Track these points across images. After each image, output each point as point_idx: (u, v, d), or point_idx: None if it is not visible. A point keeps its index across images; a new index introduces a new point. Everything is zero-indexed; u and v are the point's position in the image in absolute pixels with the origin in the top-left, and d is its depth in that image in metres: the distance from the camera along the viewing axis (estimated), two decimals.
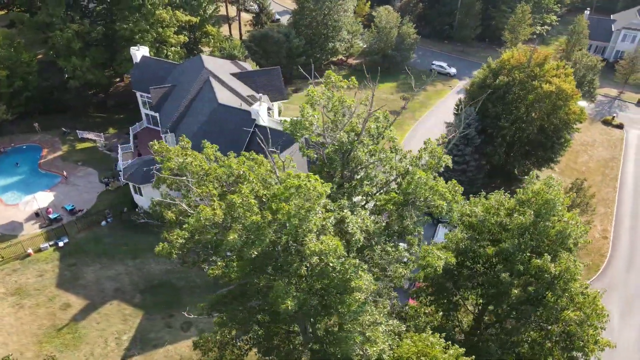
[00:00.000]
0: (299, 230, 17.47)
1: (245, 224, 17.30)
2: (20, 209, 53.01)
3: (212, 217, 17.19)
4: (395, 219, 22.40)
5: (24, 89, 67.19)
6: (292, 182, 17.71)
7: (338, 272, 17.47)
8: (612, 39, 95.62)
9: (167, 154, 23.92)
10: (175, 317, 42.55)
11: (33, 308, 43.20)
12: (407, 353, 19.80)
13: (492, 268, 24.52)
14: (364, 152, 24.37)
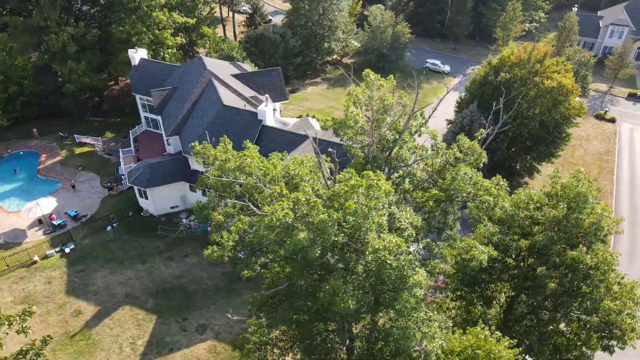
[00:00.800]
0: (362, 227, 17.60)
1: (313, 222, 17.34)
2: (22, 216, 52.20)
3: (284, 217, 17.18)
4: (438, 214, 22.67)
5: (19, 94, 66.20)
6: (361, 181, 17.79)
7: (394, 268, 17.64)
8: (600, 35, 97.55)
9: (210, 155, 23.78)
10: (189, 321, 42.31)
11: (44, 316, 42.57)
12: (459, 347, 20.05)
13: (524, 261, 24.98)
14: (406, 149, 24.59)
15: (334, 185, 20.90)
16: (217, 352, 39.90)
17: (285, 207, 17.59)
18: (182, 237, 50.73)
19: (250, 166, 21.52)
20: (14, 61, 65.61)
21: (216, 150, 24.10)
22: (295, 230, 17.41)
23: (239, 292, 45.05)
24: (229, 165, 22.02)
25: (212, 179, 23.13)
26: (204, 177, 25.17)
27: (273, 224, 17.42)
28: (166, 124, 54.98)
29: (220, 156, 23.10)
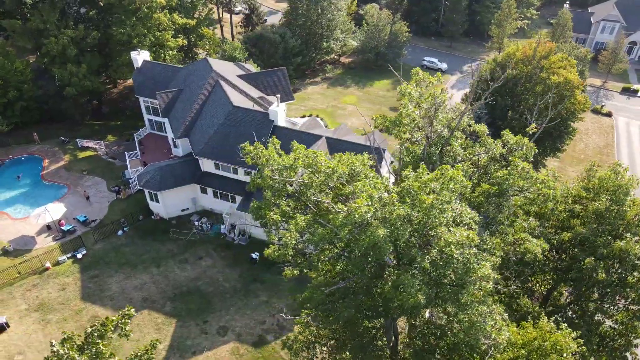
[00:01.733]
0: (435, 222, 17.75)
1: (390, 218, 17.39)
2: (31, 222, 51.39)
3: (365, 213, 17.20)
4: (492, 209, 22.90)
5: (18, 98, 65.10)
6: (438, 174, 17.85)
7: (460, 262, 17.83)
8: (592, 31, 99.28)
9: (262, 154, 23.67)
10: (209, 323, 42.10)
11: (60, 323, 41.99)
12: (522, 340, 20.28)
13: (566, 253, 25.39)
14: (458, 145, 24.79)
15: (397, 181, 21.00)
16: (240, 354, 39.78)
17: (365, 203, 17.61)
18: (195, 240, 50.53)
19: (321, 164, 21.43)
20: (13, 65, 64.48)
21: (268, 151, 24.00)
22: (372, 226, 17.45)
23: (255, 293, 44.95)
24: (298, 164, 21.95)
25: (281, 179, 22.84)
26: (256, 178, 25.03)
27: (350, 221, 17.43)
28: (174, 126, 54.53)
29: (274, 157, 22.98)
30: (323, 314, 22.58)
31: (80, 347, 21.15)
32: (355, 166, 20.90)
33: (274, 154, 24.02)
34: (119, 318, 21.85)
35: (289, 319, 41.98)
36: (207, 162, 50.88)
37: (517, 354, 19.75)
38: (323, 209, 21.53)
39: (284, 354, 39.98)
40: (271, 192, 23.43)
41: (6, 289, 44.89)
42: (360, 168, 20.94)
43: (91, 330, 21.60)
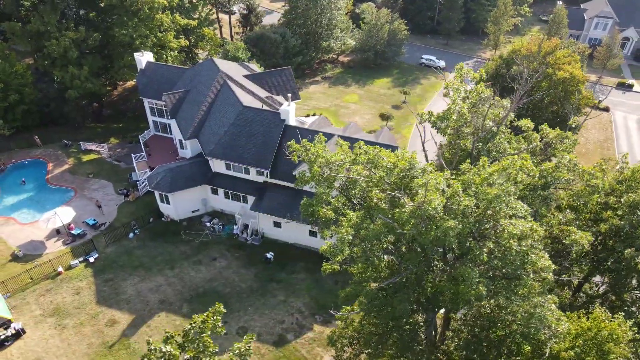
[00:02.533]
0: (499, 214, 17.94)
1: (458, 210, 17.55)
2: (40, 227, 50.80)
3: (438, 206, 17.32)
4: (538, 202, 23.16)
5: (19, 102, 64.23)
6: (506, 163, 17.97)
7: (518, 253, 18.06)
8: (585, 27, 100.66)
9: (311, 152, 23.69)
10: (228, 324, 41.93)
11: (77, 327, 41.57)
12: (576, 330, 20.60)
13: (602, 244, 25.82)
14: (504, 139, 25.04)
15: (451, 175, 21.18)
16: (262, 354, 39.74)
17: (437, 196, 17.74)
18: (207, 241, 50.35)
19: (383, 160, 21.51)
20: (13, 68, 63.63)
21: (316, 147, 24.05)
22: (439, 219, 17.57)
23: (272, 293, 44.93)
24: (360, 159, 21.99)
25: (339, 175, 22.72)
26: (303, 174, 25.02)
27: (417, 214, 17.53)
28: (183, 127, 54.21)
29: (322, 154, 23.00)
30: (375, 309, 22.61)
31: (180, 345, 21.04)
32: (414, 161, 21.06)
33: (322, 150, 24.07)
34: (211, 315, 21.75)
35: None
36: (218, 162, 50.69)
37: (572, 343, 20.08)
38: (372, 205, 21.65)
39: (305, 352, 40.12)
40: (323, 188, 23.40)
41: (19, 294, 44.32)
42: (417, 163, 21.08)
43: (191, 327, 21.58)
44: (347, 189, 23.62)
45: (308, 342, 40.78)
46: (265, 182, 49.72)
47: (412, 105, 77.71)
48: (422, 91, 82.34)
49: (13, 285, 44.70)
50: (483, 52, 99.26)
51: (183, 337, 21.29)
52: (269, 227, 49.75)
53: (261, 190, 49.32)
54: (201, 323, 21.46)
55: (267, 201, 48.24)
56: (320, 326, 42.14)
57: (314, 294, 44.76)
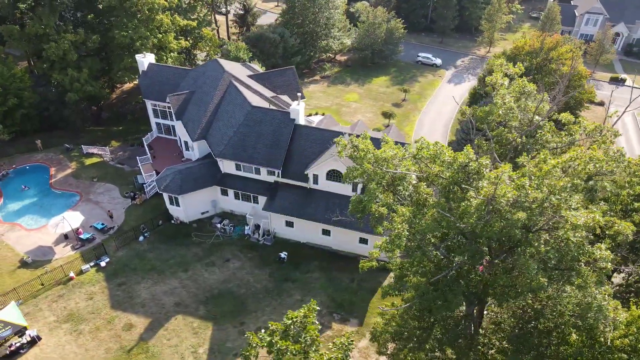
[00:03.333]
0: (562, 205, 18.16)
1: (526, 202, 17.70)
2: (48, 232, 50.12)
3: (510, 198, 17.44)
4: (586, 193, 23.45)
5: (18, 106, 63.24)
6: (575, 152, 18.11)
7: (574, 244, 18.31)
8: (577, 24, 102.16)
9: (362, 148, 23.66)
10: (247, 325, 41.82)
11: (93, 332, 41.08)
12: (629, 318, 20.96)
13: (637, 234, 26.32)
14: (549, 132, 25.30)
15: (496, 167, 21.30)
16: None
17: (510, 189, 17.88)
18: (219, 242, 50.12)
19: (442, 154, 21.55)
20: (12, 71, 62.60)
21: (364, 143, 24.07)
22: (505, 211, 17.70)
23: (289, 292, 44.89)
24: (423, 153, 22.03)
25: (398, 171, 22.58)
26: (352, 170, 24.94)
27: (486, 207, 17.62)
28: (190, 128, 53.88)
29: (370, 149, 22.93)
30: (427, 303, 22.60)
31: (293, 337, 20.68)
32: (471, 156, 21.19)
33: (372, 146, 24.12)
34: (306, 311, 21.38)
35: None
36: (228, 163, 50.48)
37: (625, 331, 20.45)
38: (421, 200, 21.76)
39: (325, 350, 40.05)
40: (375, 184, 23.39)
41: (31, 301, 43.66)
42: (471, 157, 21.19)
43: (291, 322, 21.27)
44: (394, 184, 23.71)
45: (328, 341, 40.74)
46: (276, 182, 49.63)
47: (411, 103, 78.26)
48: (420, 89, 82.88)
49: (24, 291, 44.01)
50: (477, 50, 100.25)
51: (283, 332, 20.82)
52: (281, 226, 49.67)
53: (272, 190, 49.23)
54: (302, 318, 21.02)
55: (280, 201, 48.17)
56: (338, 324, 42.22)
57: (330, 293, 44.83)
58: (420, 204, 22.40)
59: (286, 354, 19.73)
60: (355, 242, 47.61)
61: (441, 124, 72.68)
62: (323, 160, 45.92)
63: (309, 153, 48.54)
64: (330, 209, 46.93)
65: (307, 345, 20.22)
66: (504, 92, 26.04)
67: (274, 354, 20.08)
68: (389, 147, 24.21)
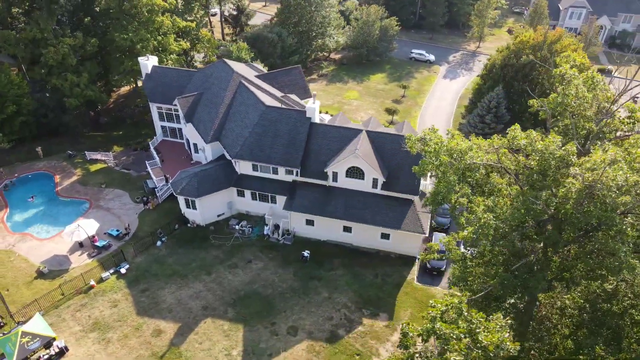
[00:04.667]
0: None
1: (629, 186, 18.11)
2: (61, 241, 49.11)
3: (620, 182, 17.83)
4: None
5: (16, 113, 61.54)
6: None
7: None
8: (561, 17, 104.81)
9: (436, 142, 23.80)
10: (277, 325, 41.71)
11: (122, 340, 40.35)
12: None
13: None
14: (618, 120, 25.85)
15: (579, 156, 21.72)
16: (317, 352, 39.74)
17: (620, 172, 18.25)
18: (239, 244, 49.79)
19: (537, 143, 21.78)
20: (9, 78, 60.85)
21: (438, 137, 24.28)
22: (605, 196, 18.13)
23: (315, 290, 44.93)
24: (520, 140, 22.17)
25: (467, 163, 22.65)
26: (426, 162, 25.06)
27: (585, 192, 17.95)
28: (202, 130, 53.35)
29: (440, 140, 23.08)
30: (510, 291, 22.77)
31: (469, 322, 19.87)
32: (559, 143, 21.64)
33: (442, 139, 24.33)
34: (460, 297, 20.50)
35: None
36: (244, 164, 50.18)
37: None
38: (495, 190, 22.11)
39: (359, 346, 40.39)
40: (454, 176, 23.54)
41: (53, 312, 42.63)
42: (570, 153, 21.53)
43: (447, 308, 20.49)
44: (465, 176, 24.01)
45: (360, 336, 41.06)
46: (294, 181, 49.57)
47: (411, 99, 79.09)
48: (418, 85, 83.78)
49: (45, 302, 42.94)
50: (467, 45, 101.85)
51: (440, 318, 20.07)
52: (301, 225, 49.63)
53: (291, 189, 49.16)
54: (457, 304, 20.41)
55: (300, 200, 48.13)
56: (368, 319, 42.46)
57: (356, 288, 45.05)
58: (494, 194, 22.74)
59: (451, 339, 19.05)
60: (377, 237, 47.94)
61: (443, 119, 73.67)
62: (343, 158, 46.08)
63: (327, 151, 48.65)
64: (351, 205, 47.22)
65: (475, 326, 19.48)
66: (578, 82, 26.60)
67: (439, 340, 19.46)
68: (460, 139, 24.52)
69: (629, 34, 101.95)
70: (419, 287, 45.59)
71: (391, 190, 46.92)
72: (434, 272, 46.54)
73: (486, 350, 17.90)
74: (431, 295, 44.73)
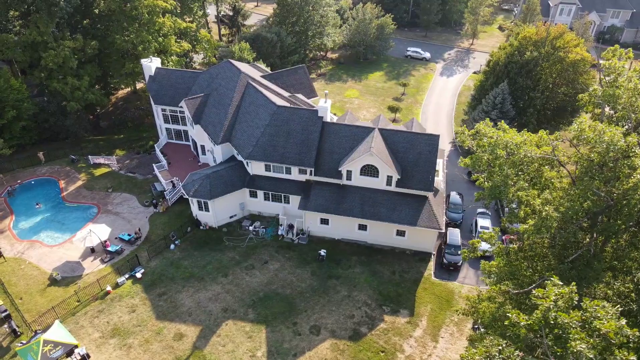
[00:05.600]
0: None
1: None
2: (72, 247, 48.41)
3: None
4: None
5: (16, 118, 60.36)
6: None
7: None
8: (551, 14, 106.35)
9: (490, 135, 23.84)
10: (299, 324, 41.63)
11: (144, 345, 39.87)
12: None
13: None
14: None
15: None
16: (341, 350, 39.78)
17: None
18: (254, 245, 49.56)
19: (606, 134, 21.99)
20: (8, 83, 59.63)
21: (492, 131, 24.40)
22: None
23: (335, 289, 44.94)
24: (587, 134, 22.31)
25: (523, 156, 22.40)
26: (477, 156, 25.15)
27: None
28: (211, 132, 52.92)
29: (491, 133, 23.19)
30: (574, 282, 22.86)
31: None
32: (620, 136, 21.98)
33: (499, 132, 24.44)
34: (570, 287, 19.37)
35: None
36: (257, 164, 49.95)
37: None
38: (548, 182, 22.38)
39: (383, 343, 40.52)
40: (512, 169, 23.66)
41: (70, 319, 41.91)
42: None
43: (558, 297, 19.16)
44: (520, 170, 24.23)
45: (383, 333, 41.20)
46: (308, 180, 49.52)
47: (411, 97, 79.54)
48: (416, 82, 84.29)
49: (62, 310, 42.21)
50: (461, 42, 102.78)
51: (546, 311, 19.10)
52: (316, 224, 49.60)
53: (305, 189, 49.09)
54: (569, 293, 19.33)
55: (315, 199, 48.09)
56: (390, 316, 42.63)
57: (375, 286, 45.19)
58: (548, 187, 23.01)
59: (570, 327, 18.31)
60: (392, 234, 48.14)
61: (444, 116, 74.28)
62: (358, 156, 46.16)
63: (339, 150, 48.70)
64: (367, 203, 47.35)
65: (590, 314, 18.70)
66: (632, 74, 26.99)
67: (556, 329, 18.66)
68: (514, 133, 24.73)
69: (617, 29, 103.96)
70: (437, 283, 45.92)
71: (405, 187, 47.16)
72: (450, 267, 46.92)
73: (606, 337, 17.67)
74: (450, 291, 45.14)
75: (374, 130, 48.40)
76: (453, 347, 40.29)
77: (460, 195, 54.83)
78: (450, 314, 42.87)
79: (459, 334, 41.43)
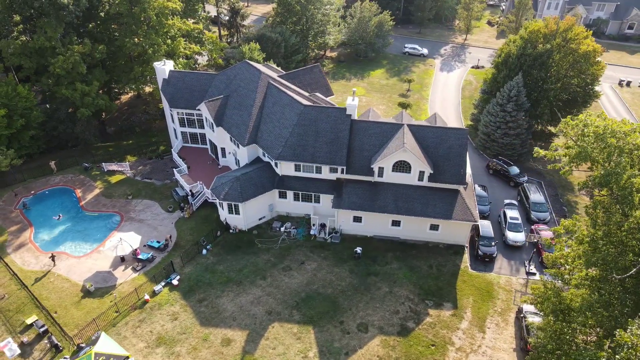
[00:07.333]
0: None
1: None
2: (103, 257, 47.17)
3: None
4: None
5: (25, 127, 58.40)
6: None
7: None
8: (539, 8, 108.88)
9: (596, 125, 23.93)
10: (346, 323, 41.53)
11: (192, 353, 39.14)
12: None
13: None
14: None
15: None
16: (392, 346, 39.88)
17: None
18: (287, 246, 49.22)
19: None
20: (16, 91, 57.62)
21: (596, 120, 24.68)
22: None
23: (376, 286, 45.00)
24: None
25: None
26: (581, 148, 25.33)
27: None
28: (236, 134, 52.25)
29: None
30: None
31: None
32: None
33: (608, 122, 24.71)
34: None
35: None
36: (286, 165, 49.59)
37: None
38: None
39: (432, 336, 40.80)
40: (626, 157, 23.92)
41: (111, 330, 40.80)
42: None
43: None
44: (632, 157, 24.57)
45: (430, 327, 41.49)
46: (339, 179, 49.44)
47: (416, 93, 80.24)
48: (418, 78, 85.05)
49: (102, 322, 41.06)
50: (455, 38, 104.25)
51: None
52: (348, 222, 49.57)
53: (337, 187, 49.00)
54: None
55: (348, 197, 48.05)
56: (434, 310, 42.95)
57: (415, 281, 45.46)
58: None
59: None
60: (426, 229, 48.50)
61: (452, 110, 75.24)
62: (391, 153, 46.34)
63: (369, 147, 48.80)
64: (400, 199, 47.58)
65: None
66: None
67: None
68: (621, 121, 25.07)
69: (603, 21, 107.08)
70: (475, 275, 46.51)
71: (437, 182, 47.58)
72: (486, 258, 47.56)
73: None
74: (488, 282, 45.77)
75: (402, 126, 48.66)
76: (501, 336, 40.89)
77: (484, 188, 55.61)
78: (493, 304, 43.49)
79: (504, 323, 42.06)
